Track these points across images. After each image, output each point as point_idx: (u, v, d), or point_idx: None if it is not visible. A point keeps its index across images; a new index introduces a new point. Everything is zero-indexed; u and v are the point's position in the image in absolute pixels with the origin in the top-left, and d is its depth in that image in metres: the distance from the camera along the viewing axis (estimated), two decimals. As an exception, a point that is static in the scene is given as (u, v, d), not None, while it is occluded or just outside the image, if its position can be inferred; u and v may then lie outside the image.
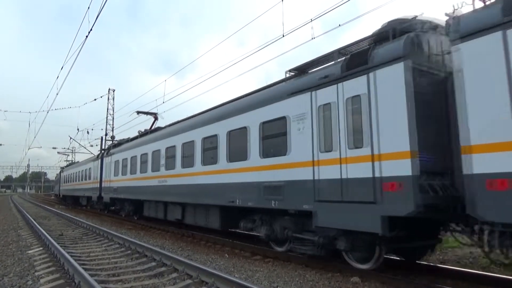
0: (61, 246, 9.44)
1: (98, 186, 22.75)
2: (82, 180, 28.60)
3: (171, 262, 7.62)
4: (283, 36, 10.97)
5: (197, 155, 11.58)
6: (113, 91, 41.71)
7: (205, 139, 11.31)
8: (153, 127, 19.02)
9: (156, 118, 20.16)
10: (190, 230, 13.29)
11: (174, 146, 13.18)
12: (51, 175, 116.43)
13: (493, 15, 5.07)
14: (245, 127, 9.57)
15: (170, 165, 13.40)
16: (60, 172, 44.44)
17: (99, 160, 23.33)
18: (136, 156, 16.86)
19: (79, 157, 47.89)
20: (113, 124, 40.82)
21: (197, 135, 11.75)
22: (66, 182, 37.67)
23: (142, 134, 18.29)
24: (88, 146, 43.54)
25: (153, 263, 7.91)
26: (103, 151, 24.27)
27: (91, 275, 6.45)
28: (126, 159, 18.16)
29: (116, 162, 19.72)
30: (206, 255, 9.32)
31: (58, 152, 57.04)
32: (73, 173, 33.49)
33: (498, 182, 4.77)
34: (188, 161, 12.15)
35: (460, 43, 5.38)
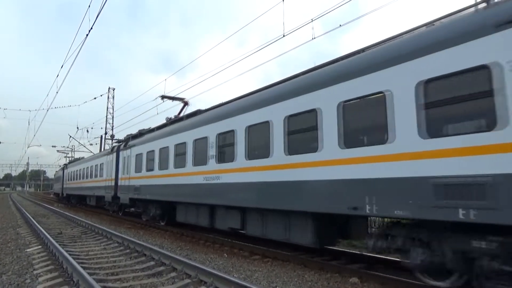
0: (60, 245, 9.43)
1: (113, 184, 19.56)
2: (91, 177, 25.36)
3: (170, 261, 7.61)
4: (284, 36, 10.98)
5: (276, 141, 8.30)
6: (113, 90, 41.80)
7: (290, 119, 8.02)
8: (182, 114, 15.63)
9: (186, 104, 16.53)
10: (190, 230, 13.28)
11: (232, 132, 9.92)
12: (51, 174, 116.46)
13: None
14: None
15: (226, 156, 10.21)
16: (63, 168, 39.67)
17: (114, 154, 20.06)
18: (168, 147, 13.58)
19: (78, 156, 46.67)
20: (112, 123, 40.90)
21: (277, 113, 8.33)
22: (71, 179, 33.90)
23: (174, 121, 14.80)
24: (87, 144, 43.36)
25: (152, 262, 7.90)
26: (119, 143, 20.36)
27: (90, 274, 6.44)
28: (153, 151, 14.84)
29: (139, 155, 16.35)
30: (205, 255, 9.31)
31: (58, 151, 57.05)
32: (80, 169, 29.72)
33: None
34: (259, 151, 8.93)
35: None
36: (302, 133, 7.72)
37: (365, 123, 6.51)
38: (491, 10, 5.16)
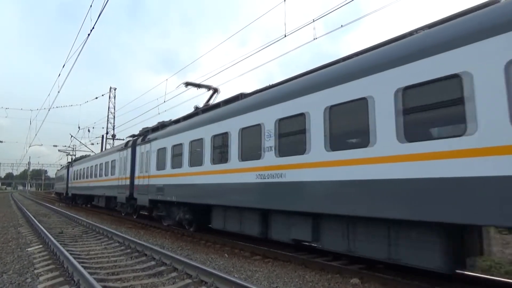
0: (60, 244, 9.43)
1: (127, 183, 17.36)
2: (100, 176, 23.00)
3: (171, 261, 7.61)
4: (285, 36, 10.97)
5: (385, 123, 6.03)
6: (114, 90, 41.85)
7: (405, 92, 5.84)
8: (211, 102, 13.79)
9: (215, 91, 14.42)
10: (191, 231, 13.28)
11: (302, 116, 7.62)
12: (52, 173, 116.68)
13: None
14: None
15: (292, 147, 7.87)
16: (67, 166, 36.63)
17: (129, 150, 17.68)
18: (202, 139, 11.26)
19: (79, 155, 46.35)
20: (114, 123, 40.94)
21: (383, 85, 6.14)
22: (76, 178, 31.09)
23: (208, 108, 12.36)
24: (89, 144, 43.39)
25: (153, 262, 7.90)
26: (136, 137, 18.07)
27: (90, 274, 6.44)
28: (181, 145, 12.54)
29: (161, 150, 14.14)
30: (206, 255, 9.31)
31: (59, 150, 57.12)
32: (87, 167, 26.91)
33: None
34: (352, 137, 6.84)
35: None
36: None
37: None
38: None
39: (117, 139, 39.61)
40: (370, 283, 6.61)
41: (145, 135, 16.46)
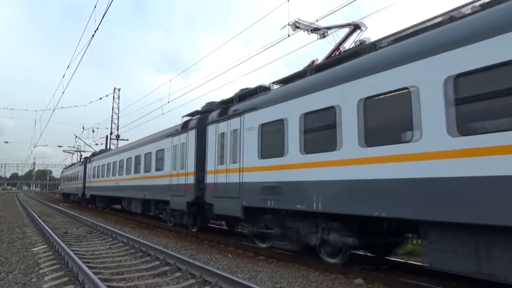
0: (65, 244, 9.50)
1: (191, 181, 12.14)
2: (137, 172, 17.40)
3: (175, 261, 7.63)
4: (288, 36, 10.96)
5: None
6: (118, 90, 42.03)
7: None
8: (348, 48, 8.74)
9: (357, 28, 8.95)
10: (194, 231, 13.30)
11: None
12: (56, 173, 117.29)
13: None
14: None
15: None
16: (84, 162, 30.65)
17: (191, 132, 12.45)
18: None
19: (99, 149, 45.09)
20: (118, 123, 41.11)
21: None
22: (98, 176, 25.51)
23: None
24: (93, 144, 43.54)
25: (157, 262, 7.93)
26: (202, 114, 12.88)
27: (95, 273, 6.47)
28: (333, 110, 7.20)
29: (272, 125, 8.88)
30: (210, 255, 9.32)
31: (64, 151, 57.42)
32: (116, 162, 21.18)
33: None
34: None
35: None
36: None
37: None
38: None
39: (121, 139, 39.77)
40: (374, 283, 6.59)
41: (225, 107, 11.10)
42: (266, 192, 8.74)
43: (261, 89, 10.07)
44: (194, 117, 13.17)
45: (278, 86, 9.74)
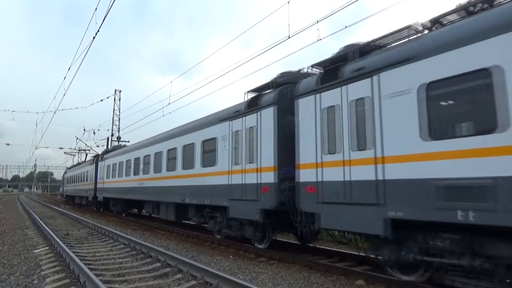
0: (67, 246, 9.51)
1: (270, 180, 8.74)
2: (170, 170, 14.00)
3: (176, 263, 7.63)
4: (289, 37, 10.96)
5: None
6: (119, 92, 42.09)
7: None
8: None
9: None
10: (196, 232, 13.29)
11: None
12: (57, 175, 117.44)
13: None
14: None
15: None
16: (96, 160, 26.93)
17: (271, 110, 9.02)
18: None
19: (113, 146, 43.59)
20: (119, 125, 41.15)
21: None
22: (113, 176, 21.67)
23: None
24: (94, 146, 43.55)
25: (158, 264, 7.93)
26: (282, 86, 9.42)
27: (96, 275, 6.49)
28: None
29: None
30: (211, 256, 9.32)
31: (65, 152, 57.45)
32: (140, 158, 17.34)
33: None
34: None
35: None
36: None
37: None
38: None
39: (122, 141, 39.81)
40: (375, 284, 6.59)
41: (332, 68, 7.71)
42: (448, 196, 5.19)
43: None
44: (268, 91, 9.72)
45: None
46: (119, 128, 41.02)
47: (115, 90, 41.93)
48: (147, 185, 16.01)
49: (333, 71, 7.54)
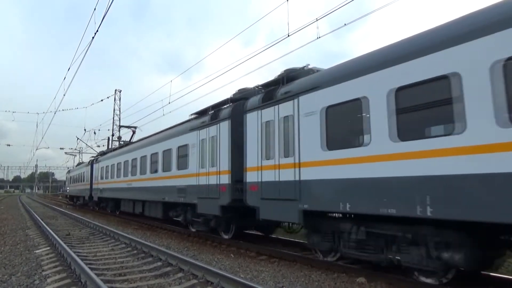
0: (68, 246, 9.52)
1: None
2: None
3: (177, 262, 7.64)
4: (288, 35, 10.96)
5: None
6: (120, 92, 42.10)
7: None
8: None
9: None
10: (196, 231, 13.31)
11: None
12: (59, 175, 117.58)
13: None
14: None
15: None
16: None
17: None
18: None
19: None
20: (119, 124, 41.15)
21: None
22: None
23: None
24: (95, 146, 43.58)
25: (159, 263, 7.94)
26: None
27: (98, 275, 6.49)
28: None
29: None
30: (212, 255, 9.33)
31: (66, 153, 57.60)
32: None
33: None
34: None
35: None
36: None
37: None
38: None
39: (122, 140, 39.83)
40: (376, 282, 6.59)
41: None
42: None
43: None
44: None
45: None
46: (119, 128, 41.02)
47: (115, 90, 41.98)
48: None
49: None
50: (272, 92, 9.11)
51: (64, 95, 22.32)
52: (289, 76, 8.96)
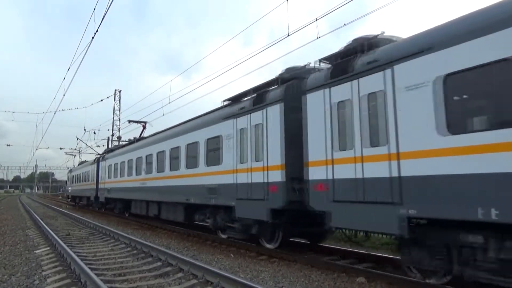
0: (68, 246, 9.51)
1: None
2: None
3: (177, 262, 7.64)
4: (288, 35, 10.94)
5: None
6: (119, 92, 42.06)
7: None
8: None
9: None
10: (196, 231, 13.30)
11: None
12: (59, 175, 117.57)
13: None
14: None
15: None
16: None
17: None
18: None
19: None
20: (119, 125, 41.14)
21: None
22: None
23: None
24: (94, 146, 43.54)
25: (159, 263, 7.94)
26: None
27: (97, 275, 6.49)
28: None
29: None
30: (212, 255, 9.33)
31: (66, 153, 57.57)
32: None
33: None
34: None
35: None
36: None
37: None
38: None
39: (122, 140, 39.82)
40: (376, 282, 6.58)
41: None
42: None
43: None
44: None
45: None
46: (119, 128, 41.00)
47: (115, 90, 41.92)
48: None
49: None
50: (345, 64, 7.10)
51: (64, 95, 22.34)
52: (370, 42, 6.93)
